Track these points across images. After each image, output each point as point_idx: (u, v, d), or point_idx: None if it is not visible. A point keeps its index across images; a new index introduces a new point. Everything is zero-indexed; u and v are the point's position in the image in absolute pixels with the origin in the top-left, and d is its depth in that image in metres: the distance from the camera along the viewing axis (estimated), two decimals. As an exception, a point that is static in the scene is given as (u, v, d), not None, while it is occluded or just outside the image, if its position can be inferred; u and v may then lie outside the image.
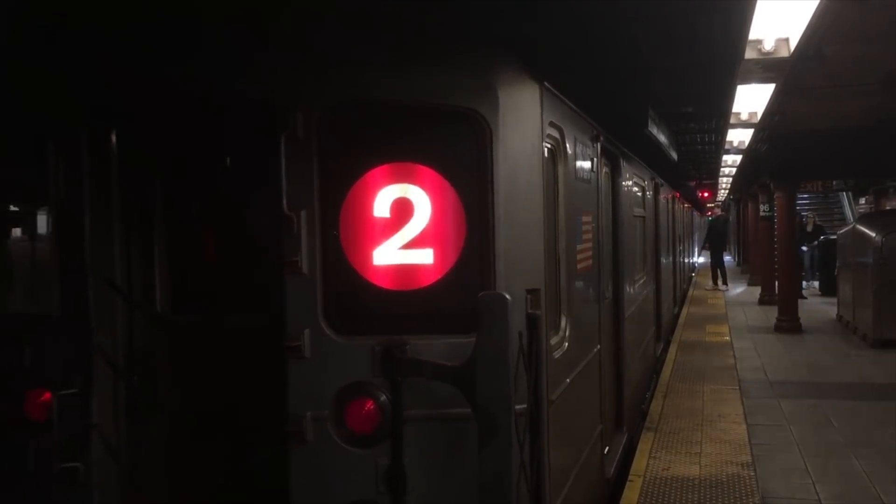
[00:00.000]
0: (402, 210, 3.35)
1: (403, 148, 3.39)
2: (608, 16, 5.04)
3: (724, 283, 22.71)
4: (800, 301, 17.20)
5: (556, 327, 4.30)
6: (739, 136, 12.87)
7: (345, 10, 3.37)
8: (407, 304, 3.38)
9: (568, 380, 4.34)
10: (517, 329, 3.24)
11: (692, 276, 25.91)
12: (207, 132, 3.82)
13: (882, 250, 12.24)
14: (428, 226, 3.36)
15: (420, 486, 3.29)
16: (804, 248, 18.60)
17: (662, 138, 9.89)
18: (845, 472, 6.51)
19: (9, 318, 3.88)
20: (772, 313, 15.10)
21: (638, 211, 8.44)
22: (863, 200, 29.32)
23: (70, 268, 3.59)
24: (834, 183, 23.65)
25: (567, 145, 4.47)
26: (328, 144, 3.36)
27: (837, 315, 15.32)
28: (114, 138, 3.68)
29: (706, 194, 35.09)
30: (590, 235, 5.27)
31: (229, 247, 4.05)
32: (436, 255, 3.38)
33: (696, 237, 30.80)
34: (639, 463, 6.62)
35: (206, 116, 3.67)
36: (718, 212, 25.72)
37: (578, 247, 4.81)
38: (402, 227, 3.36)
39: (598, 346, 5.53)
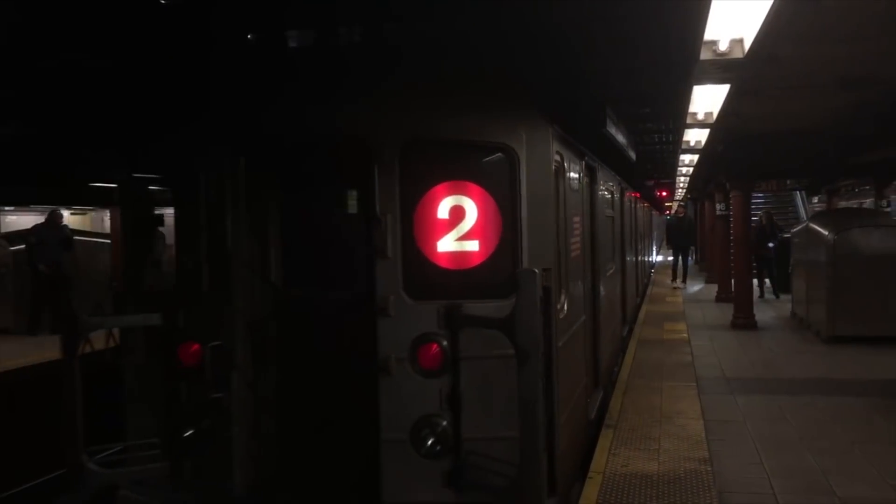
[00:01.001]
0: (457, 214, 4.80)
1: (457, 170, 4.84)
2: (567, 19, 5.53)
3: (683, 280, 23.00)
4: (761, 298, 17.63)
5: (560, 297, 5.67)
6: (696, 136, 13.00)
7: (419, 81, 4.95)
8: (460, 278, 4.80)
9: (566, 336, 5.85)
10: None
11: (651, 274, 26.19)
12: (320, 161, 5.23)
13: (834, 248, 12.45)
14: (475, 225, 4.79)
15: (470, 404, 4.67)
16: (771, 245, 18.79)
17: (621, 138, 10.06)
18: (799, 466, 6.62)
19: (165, 293, 5.38)
20: (728, 311, 15.31)
21: (608, 212, 9.88)
22: (816, 199, 29.89)
23: (216, 255, 5.10)
24: (788, 182, 24.09)
25: (566, 165, 6.09)
26: (406, 168, 4.78)
27: (792, 312, 15.58)
28: (242, 164, 5.10)
29: (664, 193, 35.47)
30: (578, 232, 6.84)
31: (325, 240, 5.29)
32: (480, 245, 4.80)
33: (654, 235, 31.24)
34: (599, 460, 6.66)
35: (320, 149, 5.15)
36: (682, 211, 25.95)
37: (571, 240, 6.31)
38: (457, 225, 4.79)
39: (584, 317, 7.06)
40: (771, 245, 18.64)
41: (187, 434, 5.01)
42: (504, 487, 4.49)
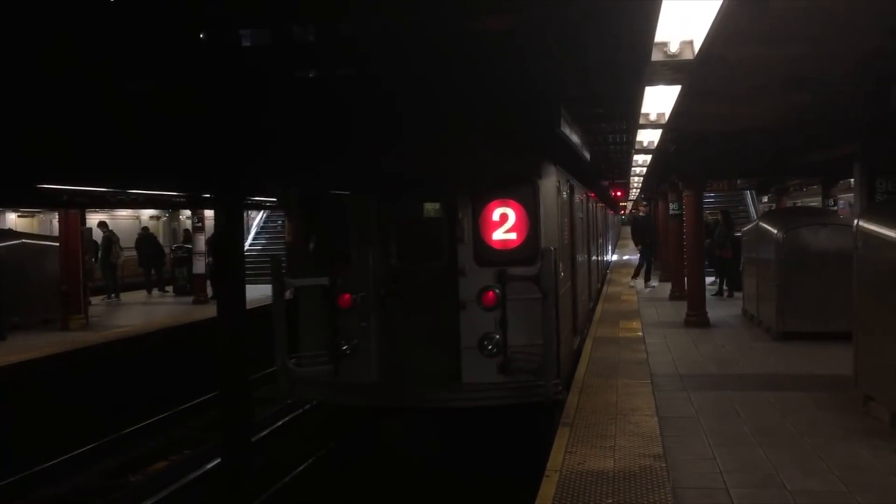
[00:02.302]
0: (504, 218, 8.03)
1: (504, 191, 8.05)
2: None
3: (647, 279, 23.06)
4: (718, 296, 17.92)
5: (559, 266, 8.57)
6: (649, 137, 13.15)
7: (483, 141, 8.15)
8: (506, 254, 8.00)
9: (563, 288, 9.17)
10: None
11: (607, 273, 26.42)
12: (420, 187, 8.55)
13: (783, 246, 12.69)
14: (514, 224, 8.01)
15: (512, 326, 7.78)
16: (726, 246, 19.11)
17: (575, 138, 10.15)
18: (751, 461, 6.74)
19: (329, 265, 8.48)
20: (682, 308, 15.53)
21: (580, 215, 12.58)
22: (766, 199, 30.48)
23: (361, 243, 8.34)
24: (738, 182, 24.50)
25: (560, 188, 9.16)
26: (475, 191, 8.00)
27: (743, 309, 15.85)
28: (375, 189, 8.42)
29: (619, 193, 35.80)
30: (567, 228, 9.97)
31: (423, 233, 8.73)
32: (517, 235, 8.03)
33: (608, 235, 31.58)
34: (555, 459, 6.69)
35: (421, 181, 8.35)
36: (646, 209, 26.20)
37: (565, 233, 9.49)
38: (503, 224, 8.03)
39: (570, 283, 10.26)
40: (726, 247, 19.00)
41: (344, 347, 8.26)
42: (532, 371, 7.69)
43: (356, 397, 8.39)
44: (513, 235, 8.04)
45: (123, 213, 30.04)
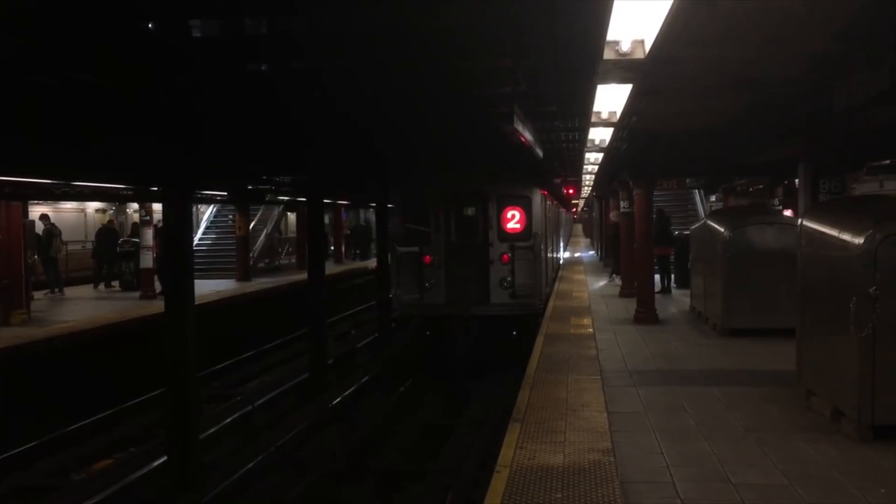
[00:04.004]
0: (513, 217, 15.60)
1: (513, 202, 15.65)
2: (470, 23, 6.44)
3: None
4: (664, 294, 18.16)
5: (542, 242, 15.96)
6: (601, 135, 13.27)
7: (504, 175, 16.15)
8: (514, 235, 15.54)
9: (544, 253, 16.55)
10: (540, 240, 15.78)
11: (559, 271, 26.64)
12: (467, 199, 15.90)
13: (730, 245, 12.90)
14: (519, 219, 15.57)
15: (518, 272, 15.41)
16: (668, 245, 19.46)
17: (528, 135, 10.25)
18: (697, 455, 6.84)
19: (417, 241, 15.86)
20: (632, 305, 15.73)
21: (549, 215, 18.95)
22: (713, 198, 31.01)
23: (436, 228, 15.68)
24: (687, 181, 24.90)
25: (542, 200, 16.28)
26: (497, 205, 15.60)
27: (691, 306, 16.11)
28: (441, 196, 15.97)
29: (571, 191, 36.07)
30: (544, 222, 16.49)
31: (468, 223, 15.82)
32: (521, 225, 15.60)
33: (561, 232, 31.90)
34: (505, 454, 6.73)
35: (468, 195, 15.86)
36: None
37: (543, 225, 16.34)
38: (513, 220, 15.58)
39: (545, 253, 16.81)
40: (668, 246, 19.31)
41: (426, 285, 15.40)
42: (528, 296, 15.36)
43: (433, 310, 15.72)
44: (518, 225, 15.60)
45: (68, 205, 29.34)
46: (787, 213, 16.58)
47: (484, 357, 15.38)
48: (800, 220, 8.81)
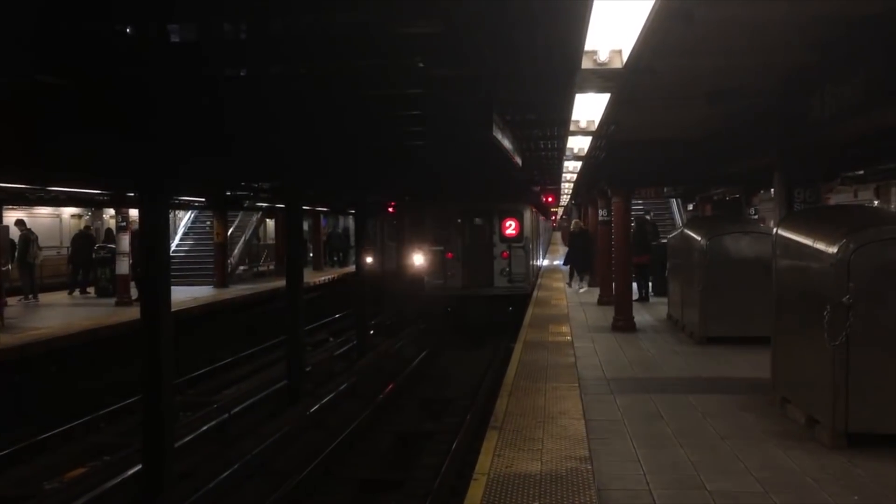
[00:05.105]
0: (511, 226, 23.12)
1: (510, 215, 23.16)
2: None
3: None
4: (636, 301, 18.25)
5: (530, 242, 23.74)
6: (579, 144, 13.33)
7: (506, 199, 23.56)
8: (511, 238, 23.06)
9: (532, 250, 24.48)
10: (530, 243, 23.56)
11: (539, 277, 26.75)
12: (479, 213, 23.53)
13: (706, 253, 12.98)
14: (514, 227, 23.11)
15: (514, 264, 22.99)
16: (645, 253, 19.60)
17: (507, 143, 10.25)
18: (673, 462, 6.87)
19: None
20: (610, 313, 15.78)
21: (534, 224, 25.02)
22: (690, 207, 31.23)
23: (454, 232, 23.37)
24: (665, 190, 25.04)
25: (531, 214, 24.17)
26: (499, 217, 23.18)
27: (668, 314, 16.19)
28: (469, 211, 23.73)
29: (550, 199, 36.23)
30: (532, 229, 24.03)
31: (483, 230, 23.43)
32: (516, 231, 23.12)
33: (541, 240, 32.74)
34: (483, 462, 6.72)
35: (480, 211, 23.50)
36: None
37: (532, 231, 24.15)
38: (510, 227, 23.14)
39: (533, 250, 24.73)
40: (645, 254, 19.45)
41: (448, 274, 22.91)
42: (521, 281, 22.88)
43: (453, 291, 22.63)
44: (514, 232, 22.81)
45: (44, 211, 29.02)
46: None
47: (489, 322, 22.38)
48: (775, 230, 8.89)
